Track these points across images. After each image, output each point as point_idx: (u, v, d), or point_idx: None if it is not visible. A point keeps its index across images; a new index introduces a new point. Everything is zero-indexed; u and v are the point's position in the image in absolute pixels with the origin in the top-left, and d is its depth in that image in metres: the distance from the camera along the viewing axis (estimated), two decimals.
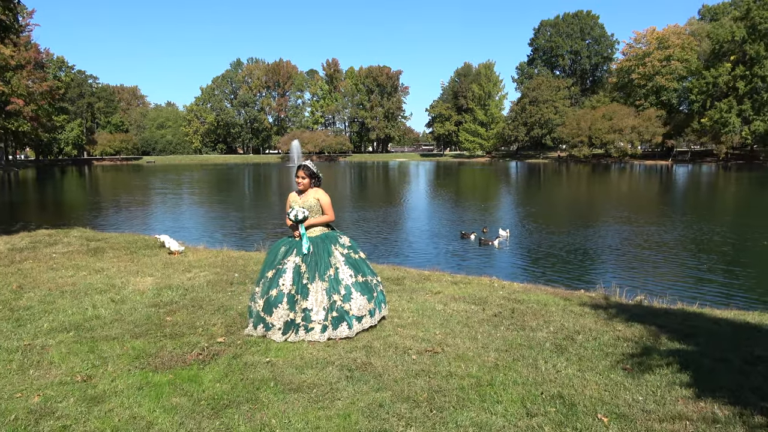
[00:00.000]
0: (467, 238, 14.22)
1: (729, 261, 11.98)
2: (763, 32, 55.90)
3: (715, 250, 13.18)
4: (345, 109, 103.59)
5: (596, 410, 3.40)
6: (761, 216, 20.98)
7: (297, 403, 3.55)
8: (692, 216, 19.91)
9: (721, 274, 10.80)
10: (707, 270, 10.91)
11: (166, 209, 25.33)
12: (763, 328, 5.34)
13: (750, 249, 13.48)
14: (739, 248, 13.58)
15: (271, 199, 30.40)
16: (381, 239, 15.61)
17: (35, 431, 3.25)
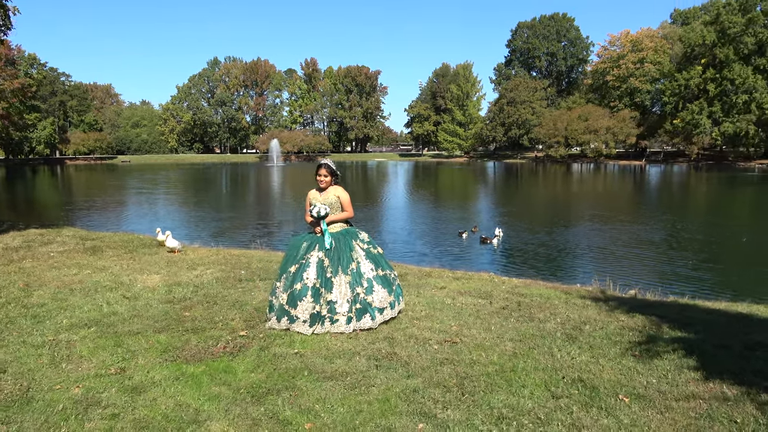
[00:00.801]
0: (461, 237, 14.51)
1: (711, 257, 12.47)
2: (732, 37, 57.58)
3: (696, 247, 13.69)
4: (323, 108, 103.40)
5: (616, 392, 3.65)
6: (736, 215, 21.75)
7: (334, 390, 3.72)
8: (671, 215, 20.55)
9: (705, 269, 11.25)
10: (692, 266, 11.35)
11: (147, 209, 25.11)
12: (753, 317, 5.68)
13: (730, 246, 14.03)
14: (720, 245, 14.13)
15: (252, 199, 30.33)
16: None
17: (86, 418, 3.36)
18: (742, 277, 10.78)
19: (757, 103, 56.34)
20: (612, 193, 32.89)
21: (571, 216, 19.99)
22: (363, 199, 29.02)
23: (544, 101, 78.50)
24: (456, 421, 3.27)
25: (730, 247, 13.83)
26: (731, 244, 14.44)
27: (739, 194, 30.99)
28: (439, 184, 43.46)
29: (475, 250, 13.29)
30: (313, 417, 3.34)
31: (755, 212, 22.80)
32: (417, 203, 27.72)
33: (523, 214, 21.25)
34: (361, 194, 33.25)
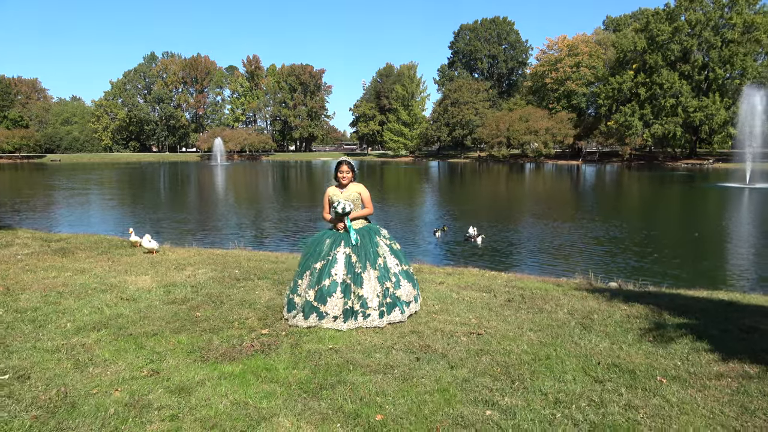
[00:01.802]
0: (435, 236, 14.70)
1: (670, 250, 13.25)
2: (660, 44, 61.00)
3: (650, 242, 14.50)
4: (267, 107, 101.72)
5: (652, 374, 3.89)
6: (679, 211, 23.16)
7: (387, 383, 3.77)
8: (617, 212, 21.62)
9: (667, 262, 11.93)
10: (654, 259, 12.03)
11: (92, 209, 23.96)
12: (737, 304, 6.13)
13: (684, 239, 14.94)
14: (673, 239, 15.03)
15: (207, 198, 29.50)
16: None
17: (145, 420, 3.26)
18: (699, 267, 11.53)
19: (683, 106, 59.88)
20: (557, 192, 34.18)
21: (524, 214, 20.65)
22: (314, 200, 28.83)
23: (487, 102, 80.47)
24: (519, 407, 3.39)
25: (682, 241, 14.73)
26: (680, 238, 15.37)
27: (672, 192, 32.94)
28: (393, 183, 43.75)
29: (449, 248, 13.54)
30: (379, 409, 3.37)
31: (691, 208, 24.34)
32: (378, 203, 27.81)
33: (479, 212, 21.76)
34: (313, 195, 33.01)
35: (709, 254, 13.15)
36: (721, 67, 58.41)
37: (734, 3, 57.94)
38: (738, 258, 12.48)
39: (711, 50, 59.03)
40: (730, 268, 11.50)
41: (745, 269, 11.30)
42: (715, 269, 11.41)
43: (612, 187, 37.95)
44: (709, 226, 17.70)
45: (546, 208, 22.58)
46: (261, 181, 44.73)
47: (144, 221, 18.33)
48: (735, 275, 10.70)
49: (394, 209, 23.01)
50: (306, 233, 16.66)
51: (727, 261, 12.25)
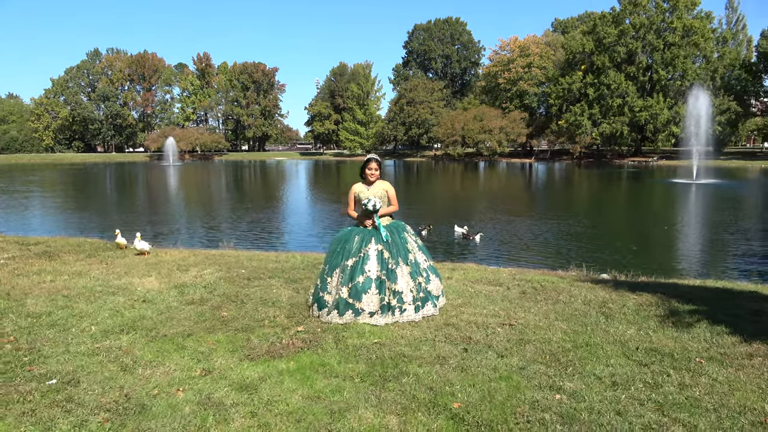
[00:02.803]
0: (420, 234, 14.84)
1: (647, 242, 13.90)
2: (607, 46, 63.38)
3: (620, 236, 15.14)
4: (219, 105, 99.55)
5: (689, 356, 4.14)
6: (638, 206, 24.22)
7: (448, 373, 3.87)
8: (584, 209, 22.41)
9: (646, 253, 12.49)
10: (630, 251, 12.58)
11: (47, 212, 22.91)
12: (733, 291, 6.55)
13: (651, 232, 15.67)
14: (641, 233, 15.74)
15: (167, 199, 28.69)
16: (315, 233, 15.74)
17: (227, 418, 3.24)
18: (672, 257, 12.16)
19: (629, 106, 62.43)
20: (516, 190, 35.06)
21: (489, 212, 21.06)
22: (284, 198, 28.58)
23: (442, 102, 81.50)
24: (582, 390, 3.56)
25: (650, 234, 15.46)
26: (647, 231, 16.11)
27: (628, 188, 34.38)
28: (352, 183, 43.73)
29: (434, 245, 13.72)
30: (452, 397, 3.47)
31: (649, 203, 25.50)
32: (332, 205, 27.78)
33: (440, 211, 22.10)
34: (285, 193, 32.67)
35: (677, 245, 13.85)
36: (664, 68, 61.22)
37: (675, 8, 60.84)
38: (703, 248, 13.22)
39: (654, 52, 61.78)
40: (701, 257, 12.18)
41: (714, 258, 11.99)
42: (688, 259, 12.05)
43: (569, 185, 39.21)
44: (669, 219, 18.61)
45: (509, 206, 23.15)
46: (221, 181, 43.84)
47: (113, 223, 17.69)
48: (708, 264, 11.33)
49: None
50: (283, 233, 16.53)
51: (696, 251, 12.95)
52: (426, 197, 29.37)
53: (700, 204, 24.17)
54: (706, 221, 17.99)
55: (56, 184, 40.13)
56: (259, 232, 16.31)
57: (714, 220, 17.90)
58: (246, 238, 15.00)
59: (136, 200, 28.89)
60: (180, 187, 38.12)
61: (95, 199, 29.30)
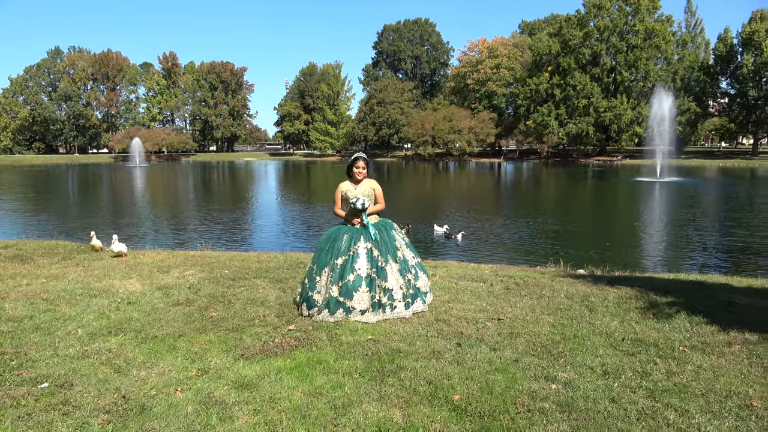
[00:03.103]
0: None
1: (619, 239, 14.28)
2: (573, 48, 64.78)
3: (591, 233, 15.51)
4: (186, 105, 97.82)
5: (673, 346, 4.31)
6: (607, 203, 24.81)
7: (445, 367, 3.94)
8: (555, 207, 22.84)
9: (619, 249, 12.82)
10: (608, 246, 12.91)
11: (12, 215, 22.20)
12: (702, 283, 6.81)
13: (625, 229, 16.09)
14: (618, 230, 16.16)
15: (139, 201, 28.09)
16: (289, 234, 15.68)
17: (232, 416, 3.24)
18: (642, 252, 12.53)
19: (594, 107, 63.94)
20: (488, 189, 35.51)
21: (464, 211, 21.31)
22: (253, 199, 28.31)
23: (412, 102, 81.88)
24: (576, 380, 3.68)
25: (619, 230, 15.88)
26: (617, 227, 16.55)
27: (595, 187, 35.19)
28: (323, 183, 43.61)
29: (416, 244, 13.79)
30: (452, 390, 3.54)
31: (616, 200, 26.15)
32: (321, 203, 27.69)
33: (421, 209, 22.27)
34: (242, 195, 32.34)
35: (647, 241, 14.27)
36: (627, 70, 62.88)
37: (637, 11, 62.56)
38: (671, 243, 13.65)
39: (618, 54, 63.40)
40: (670, 252, 12.58)
41: (682, 252, 12.41)
42: (658, 254, 12.44)
43: (538, 184, 39.88)
44: (638, 216, 19.15)
45: (482, 205, 23.48)
46: (190, 182, 43.14)
47: (82, 226, 17.26)
48: (677, 258, 11.73)
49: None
50: (257, 234, 16.41)
51: (665, 246, 13.37)
52: (400, 197, 29.49)
53: (665, 201, 24.91)
54: (672, 218, 18.56)
55: (16, 187, 38.86)
56: (233, 233, 16.16)
57: (679, 217, 18.50)
58: (220, 239, 14.84)
59: (103, 202, 28.20)
60: (149, 188, 37.38)
61: (59, 201, 28.47)
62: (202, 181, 44.25)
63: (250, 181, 44.81)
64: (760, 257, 11.92)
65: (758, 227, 15.86)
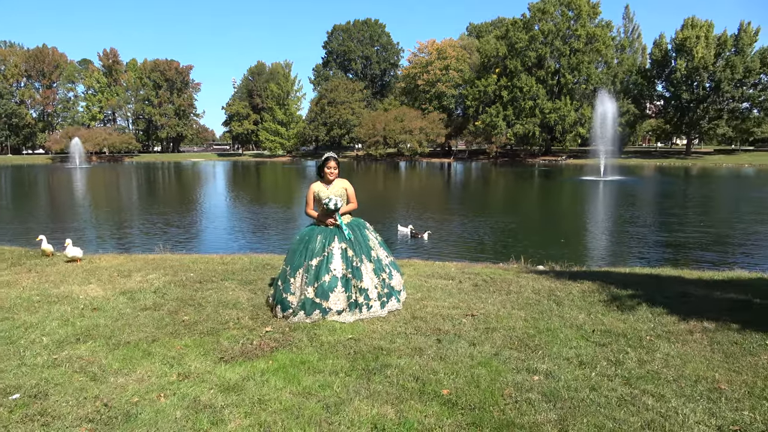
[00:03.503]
0: None
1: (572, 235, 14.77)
2: (519, 50, 66.45)
3: (551, 230, 16.00)
4: (128, 104, 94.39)
5: (640, 336, 4.54)
6: (555, 201, 25.60)
7: (429, 363, 4.01)
8: (506, 206, 23.40)
9: (573, 245, 13.28)
10: (563, 243, 13.35)
11: None
12: (658, 276, 7.18)
13: (577, 226, 16.66)
14: (571, 227, 16.71)
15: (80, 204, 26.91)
16: (249, 235, 15.45)
17: (224, 419, 3.20)
18: (592, 248, 13.04)
19: (540, 108, 65.81)
20: (440, 189, 35.98)
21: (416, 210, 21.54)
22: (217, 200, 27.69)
23: (362, 102, 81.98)
24: (555, 371, 3.82)
25: (569, 227, 16.46)
26: (566, 224, 17.14)
27: (544, 185, 36.26)
28: (273, 183, 43.05)
29: None
30: (439, 385, 3.62)
31: (563, 199, 27.06)
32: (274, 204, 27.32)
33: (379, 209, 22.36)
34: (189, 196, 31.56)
35: (598, 237, 14.85)
36: (570, 73, 65.04)
37: (579, 16, 64.80)
38: (620, 239, 14.27)
39: (561, 58, 65.47)
40: (619, 247, 13.15)
41: (630, 247, 12.99)
42: (609, 249, 12.98)
43: (490, 184, 40.71)
44: (588, 214, 19.90)
45: (438, 205, 23.82)
46: (133, 183, 41.70)
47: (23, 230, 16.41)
48: (627, 253, 12.27)
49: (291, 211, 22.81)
50: (210, 236, 16.07)
51: (615, 242, 13.96)
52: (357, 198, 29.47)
53: (610, 199, 25.95)
54: (619, 215, 19.37)
55: None
56: (186, 236, 15.77)
57: (625, 214, 19.33)
58: (171, 241, 14.43)
59: (44, 205, 26.87)
60: (93, 190, 35.87)
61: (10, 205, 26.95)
62: (149, 183, 42.86)
63: (200, 183, 43.72)
64: (703, 251, 12.62)
65: (694, 224, 16.78)
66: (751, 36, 59.49)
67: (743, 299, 5.68)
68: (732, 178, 40.94)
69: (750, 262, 11.08)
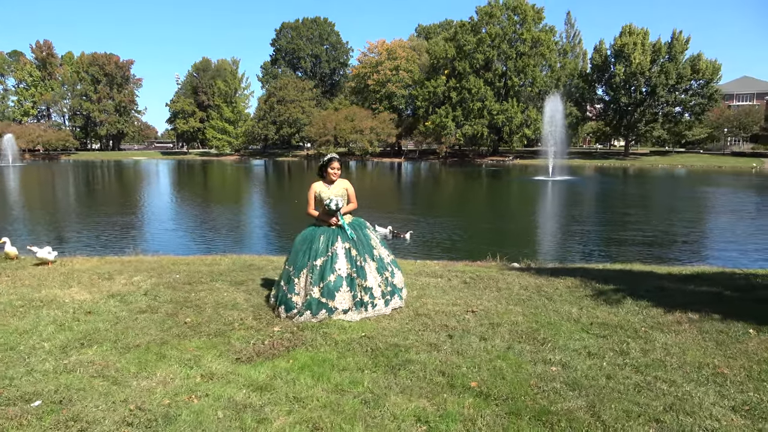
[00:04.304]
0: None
1: (534, 233, 15.27)
2: (467, 53, 67.78)
3: (514, 228, 16.49)
4: (64, 100, 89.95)
5: (635, 327, 4.84)
6: (510, 200, 26.34)
7: (449, 357, 4.15)
8: (463, 205, 23.89)
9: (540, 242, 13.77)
10: (525, 241, 13.81)
11: None
12: (629, 271, 7.61)
13: (537, 224, 17.22)
14: (533, 226, 17.25)
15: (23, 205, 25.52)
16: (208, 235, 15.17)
17: (266, 418, 3.24)
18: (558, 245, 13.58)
19: (488, 109, 67.39)
20: (394, 188, 36.30)
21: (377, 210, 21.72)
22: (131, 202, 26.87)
23: (312, 101, 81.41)
24: (570, 362, 4.05)
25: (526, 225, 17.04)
26: (524, 222, 17.73)
27: (495, 185, 37.22)
28: (226, 182, 42.20)
29: None
30: (466, 378, 3.76)
31: (516, 197, 27.89)
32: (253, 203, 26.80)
33: None
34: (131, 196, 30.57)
35: (556, 235, 15.46)
36: (517, 75, 66.94)
37: (524, 21, 66.74)
38: (580, 236, 14.91)
39: (508, 61, 67.28)
40: (579, 244, 13.75)
41: (591, 244, 13.61)
42: (568, 245, 13.55)
43: (441, 183, 41.38)
44: (546, 212, 20.64)
45: (396, 205, 24.05)
46: (76, 183, 39.90)
47: None
48: (588, 250, 12.84)
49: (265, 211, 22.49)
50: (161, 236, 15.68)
51: (572, 239, 14.58)
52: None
53: (562, 198, 26.98)
54: (577, 213, 20.22)
55: None
56: (138, 237, 15.31)
57: (583, 212, 20.25)
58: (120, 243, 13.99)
59: None
60: (29, 190, 34.06)
61: None
62: (90, 183, 41.10)
63: (144, 182, 42.25)
64: (661, 247, 13.40)
65: (645, 222, 17.74)
66: (683, 44, 63.04)
67: (715, 292, 6.14)
68: (668, 178, 43.35)
69: (703, 255, 11.88)
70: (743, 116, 68.49)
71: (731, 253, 12.51)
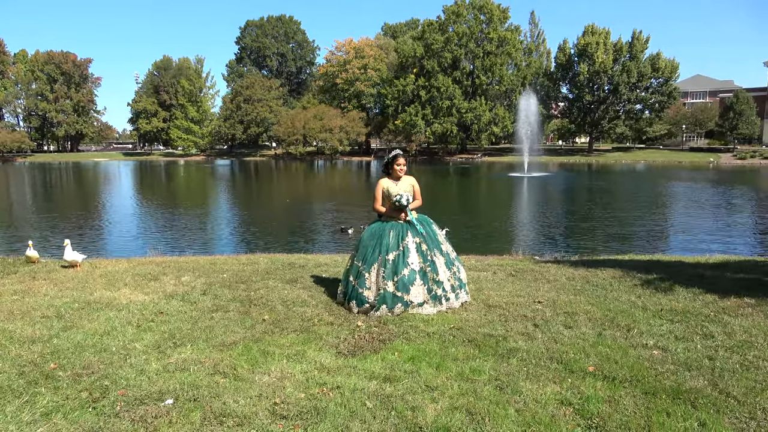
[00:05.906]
0: (346, 233, 14.69)
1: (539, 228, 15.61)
2: (435, 51, 68.46)
3: (516, 224, 16.82)
4: (18, 99, 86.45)
5: (702, 312, 5.09)
6: (493, 197, 26.76)
7: (550, 345, 4.30)
8: (449, 202, 24.17)
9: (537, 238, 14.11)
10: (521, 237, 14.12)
11: None
12: (660, 261, 7.93)
13: (528, 219, 17.60)
14: (518, 219, 17.61)
15: None
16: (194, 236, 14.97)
17: (420, 404, 3.30)
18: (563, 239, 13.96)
19: (456, 107, 68.26)
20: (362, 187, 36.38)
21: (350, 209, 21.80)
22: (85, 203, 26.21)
23: (280, 100, 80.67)
24: (665, 345, 4.25)
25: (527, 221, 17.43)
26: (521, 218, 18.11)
27: (473, 182, 37.74)
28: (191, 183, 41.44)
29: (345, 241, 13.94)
30: (579, 363, 3.92)
31: (498, 194, 28.38)
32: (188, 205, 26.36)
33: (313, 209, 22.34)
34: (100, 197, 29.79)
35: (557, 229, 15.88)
36: (484, 74, 68.01)
37: (490, 20, 67.85)
38: (581, 229, 15.36)
39: (475, 60, 68.25)
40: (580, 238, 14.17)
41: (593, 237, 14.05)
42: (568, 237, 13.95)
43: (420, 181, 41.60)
44: (538, 207, 21.10)
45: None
46: (34, 185, 38.51)
47: None
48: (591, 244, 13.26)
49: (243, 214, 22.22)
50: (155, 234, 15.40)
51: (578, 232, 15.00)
52: (280, 198, 29.17)
53: (542, 193, 27.61)
54: (563, 209, 20.75)
55: None
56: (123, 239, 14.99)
57: (570, 208, 20.77)
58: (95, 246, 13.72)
59: None
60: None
61: None
62: (47, 185, 39.71)
63: (107, 184, 40.93)
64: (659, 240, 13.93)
65: (638, 215, 18.38)
66: (643, 43, 65.20)
67: (754, 278, 6.49)
68: (632, 173, 44.83)
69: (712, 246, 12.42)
70: (699, 113, 71.42)
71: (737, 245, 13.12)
